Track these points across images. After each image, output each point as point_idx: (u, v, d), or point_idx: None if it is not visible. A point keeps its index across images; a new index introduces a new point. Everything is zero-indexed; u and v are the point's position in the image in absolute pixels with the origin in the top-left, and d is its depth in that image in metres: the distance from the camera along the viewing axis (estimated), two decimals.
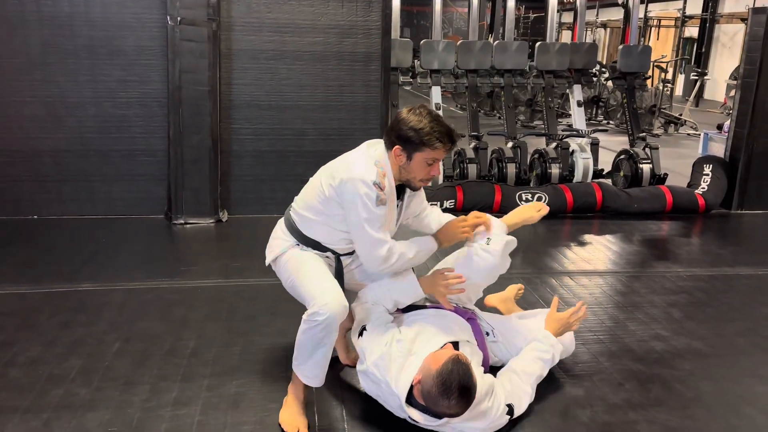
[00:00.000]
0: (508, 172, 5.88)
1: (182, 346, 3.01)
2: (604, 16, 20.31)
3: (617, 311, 3.57)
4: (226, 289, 3.72)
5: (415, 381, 2.24)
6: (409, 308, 2.66)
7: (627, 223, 5.33)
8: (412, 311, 2.63)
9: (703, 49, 17.17)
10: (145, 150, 4.96)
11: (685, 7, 17.38)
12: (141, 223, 4.89)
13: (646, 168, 6.14)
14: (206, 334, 3.14)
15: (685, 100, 14.09)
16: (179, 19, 4.66)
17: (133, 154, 4.96)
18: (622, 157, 6.41)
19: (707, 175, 5.77)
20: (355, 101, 5.17)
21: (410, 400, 2.27)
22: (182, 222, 4.92)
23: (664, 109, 11.12)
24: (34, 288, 3.63)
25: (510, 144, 6.21)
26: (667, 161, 6.90)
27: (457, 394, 2.12)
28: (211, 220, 4.97)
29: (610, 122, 11.19)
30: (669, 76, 13.10)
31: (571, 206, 5.43)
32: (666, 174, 6.19)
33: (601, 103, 11.54)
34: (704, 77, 14.93)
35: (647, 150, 6.26)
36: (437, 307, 2.65)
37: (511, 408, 2.39)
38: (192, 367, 2.82)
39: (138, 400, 2.56)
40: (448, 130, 2.33)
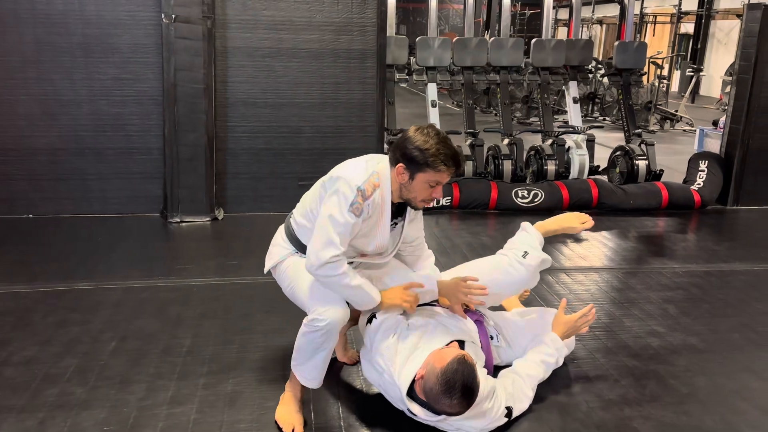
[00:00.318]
0: (504, 169, 5.88)
1: (178, 344, 3.01)
2: (600, 13, 20.32)
3: (613, 307, 3.58)
4: (222, 287, 3.72)
5: (417, 376, 2.24)
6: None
7: (623, 220, 5.34)
8: (422, 306, 2.61)
9: (698, 46, 17.20)
10: (140, 148, 4.95)
11: (680, 4, 17.41)
12: (136, 222, 4.88)
13: (642, 164, 6.14)
14: (202, 333, 3.13)
15: (681, 97, 14.11)
16: (174, 16, 4.65)
17: (128, 153, 4.95)
18: (618, 153, 6.41)
19: (703, 171, 5.78)
20: (351, 98, 5.16)
21: (411, 394, 2.27)
22: (178, 220, 4.91)
23: (660, 105, 11.14)
24: (29, 287, 3.62)
25: (506, 141, 6.21)
26: (663, 157, 6.92)
27: (460, 394, 2.13)
28: (207, 219, 4.96)
29: (606, 119, 11.20)
30: (665, 73, 13.14)
31: (567, 203, 5.44)
32: (662, 170, 6.19)
33: (597, 100, 11.54)
34: (700, 73, 14.95)
35: (643, 146, 6.27)
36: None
37: (510, 410, 2.40)
38: (188, 366, 2.82)
39: (134, 398, 2.56)
40: (454, 154, 2.24)
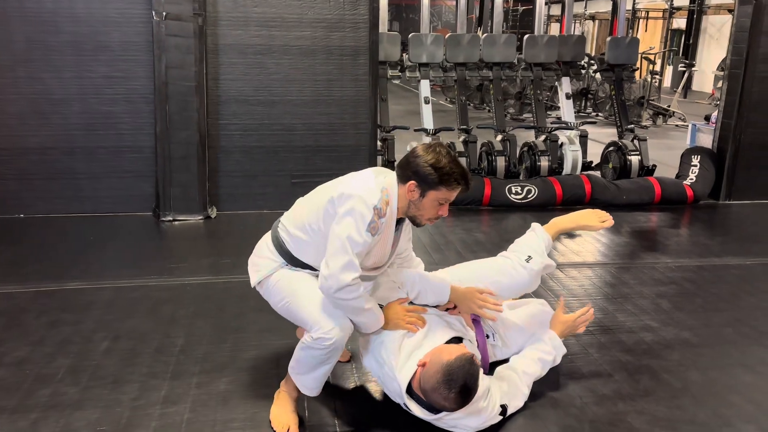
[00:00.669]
0: (497, 165, 5.89)
1: (171, 343, 3.00)
2: (593, 8, 20.34)
3: (606, 303, 3.59)
4: (215, 286, 3.71)
5: (420, 363, 2.24)
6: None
7: (616, 215, 5.22)
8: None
9: (690, 41, 17.24)
10: (132, 147, 4.92)
11: None
12: (129, 221, 4.86)
13: (635, 159, 6.16)
14: (195, 332, 3.12)
15: (674, 92, 14.14)
16: (164, 14, 4.62)
17: (119, 151, 4.92)
18: (611, 148, 6.43)
19: (695, 166, 5.80)
20: (344, 95, 5.14)
21: (409, 391, 2.28)
22: (170, 219, 4.89)
23: (653, 100, 11.17)
24: (21, 287, 3.60)
25: (499, 137, 6.21)
26: (656, 152, 6.93)
27: (458, 391, 2.13)
28: (200, 217, 4.94)
29: (598, 114, 11.21)
30: (657, 68, 13.16)
31: (561, 199, 5.45)
32: (654, 165, 6.21)
33: (590, 96, 11.56)
34: (692, 68, 15.00)
35: (636, 142, 6.28)
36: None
37: (504, 408, 2.41)
38: (181, 365, 2.81)
39: (127, 398, 2.55)
40: (464, 172, 2.27)
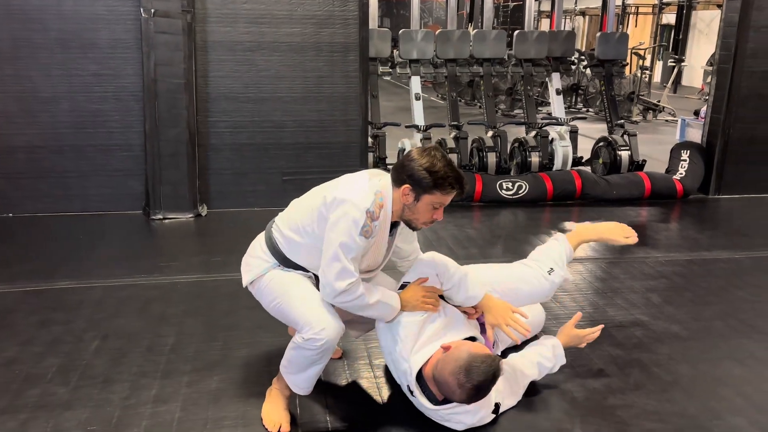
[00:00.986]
0: (488, 162, 5.89)
1: (161, 342, 2.98)
2: (583, 4, 20.37)
3: (597, 297, 3.60)
4: (206, 284, 3.69)
5: (445, 346, 2.25)
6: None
7: (606, 210, 5.37)
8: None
9: (680, 36, 17.28)
10: (121, 145, 4.89)
11: None
12: (118, 219, 4.83)
13: (625, 155, 6.18)
14: (186, 330, 3.11)
15: (663, 87, 14.22)
16: (153, 11, 4.59)
17: (109, 149, 4.89)
18: (601, 144, 6.44)
19: (685, 160, 5.83)
20: (334, 92, 5.13)
21: (418, 377, 2.29)
22: (161, 217, 4.86)
23: (643, 95, 11.20)
24: (10, 287, 3.57)
25: (490, 133, 6.22)
26: (646, 147, 6.96)
27: (471, 386, 2.13)
28: (190, 215, 4.92)
29: (589, 110, 11.25)
30: (647, 63, 13.20)
31: (551, 194, 5.46)
32: (644, 160, 6.23)
33: (580, 91, 11.59)
34: (682, 64, 15.06)
35: (626, 137, 6.30)
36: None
37: (497, 406, 2.42)
38: (172, 364, 2.80)
39: (117, 398, 2.54)
40: (459, 177, 2.26)
